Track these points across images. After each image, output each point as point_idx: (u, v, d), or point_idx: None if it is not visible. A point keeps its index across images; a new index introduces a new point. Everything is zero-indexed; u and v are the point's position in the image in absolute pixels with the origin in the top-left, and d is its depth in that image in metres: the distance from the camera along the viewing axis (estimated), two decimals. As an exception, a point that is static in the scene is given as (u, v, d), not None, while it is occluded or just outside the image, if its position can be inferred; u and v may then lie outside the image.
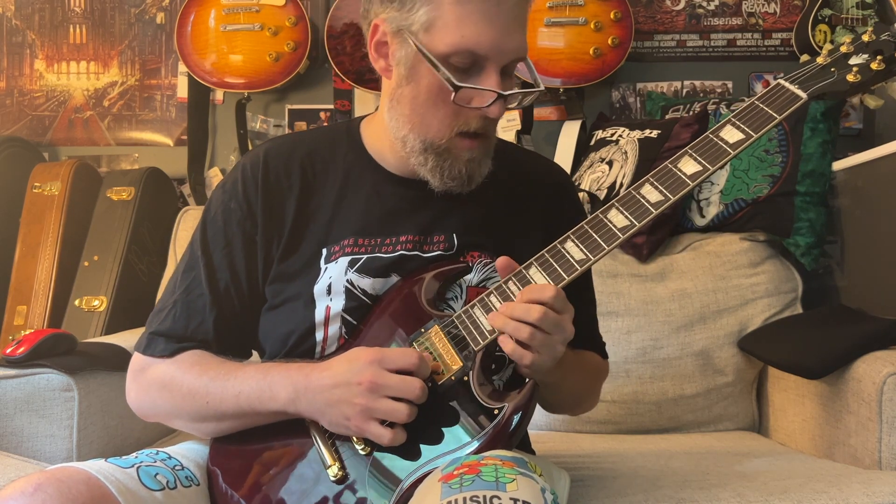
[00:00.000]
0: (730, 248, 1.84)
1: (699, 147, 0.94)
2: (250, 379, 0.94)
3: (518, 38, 0.94)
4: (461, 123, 0.95)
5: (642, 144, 1.95)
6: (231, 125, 2.27)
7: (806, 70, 0.97)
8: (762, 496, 1.00)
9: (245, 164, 1.05)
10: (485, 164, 1.00)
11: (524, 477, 0.76)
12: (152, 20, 2.36)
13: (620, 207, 0.93)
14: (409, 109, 0.97)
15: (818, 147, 1.86)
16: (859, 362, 1.33)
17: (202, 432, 1.01)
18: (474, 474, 0.75)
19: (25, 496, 0.77)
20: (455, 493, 0.73)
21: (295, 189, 1.03)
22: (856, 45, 0.98)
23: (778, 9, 2.28)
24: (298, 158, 1.05)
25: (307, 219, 1.03)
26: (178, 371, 0.98)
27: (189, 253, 1.05)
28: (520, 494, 0.72)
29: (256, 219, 1.02)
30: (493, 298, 0.93)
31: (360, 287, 0.99)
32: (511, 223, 1.06)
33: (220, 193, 1.05)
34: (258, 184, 1.02)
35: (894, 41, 0.96)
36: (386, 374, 0.87)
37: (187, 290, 1.02)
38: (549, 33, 2.13)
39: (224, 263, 1.02)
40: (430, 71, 0.93)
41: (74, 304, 1.96)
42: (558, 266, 0.92)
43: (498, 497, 0.72)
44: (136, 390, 1.03)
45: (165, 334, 1.01)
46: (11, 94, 2.37)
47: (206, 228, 1.04)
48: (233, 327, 1.03)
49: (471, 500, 0.71)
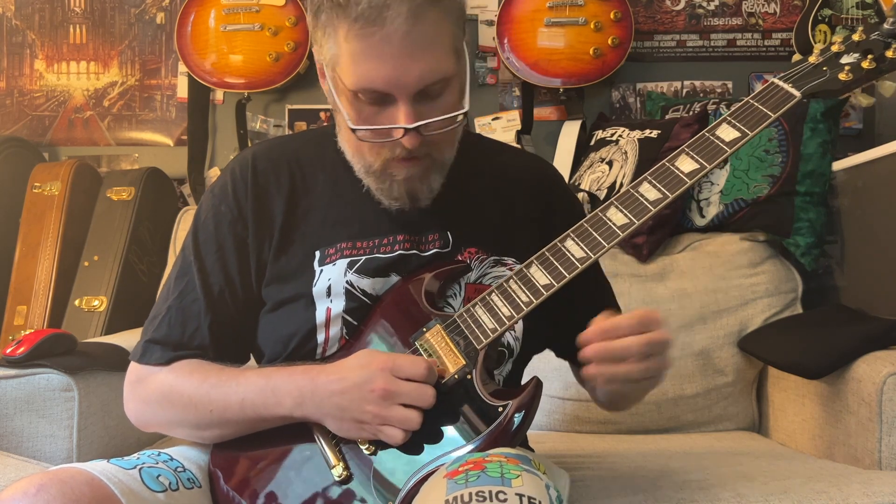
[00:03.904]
0: (730, 248, 1.84)
1: (696, 145, 0.94)
2: (253, 385, 0.94)
3: (422, 66, 0.88)
4: (386, 152, 0.95)
5: (642, 144, 1.95)
6: (231, 125, 2.26)
7: (799, 69, 0.99)
8: (762, 496, 1.01)
9: (234, 167, 1.05)
10: (432, 180, 0.98)
11: (529, 473, 0.76)
12: (152, 20, 2.36)
13: (619, 206, 0.93)
14: (345, 136, 1.00)
15: (818, 147, 1.86)
16: (859, 362, 1.33)
17: (205, 440, 1.01)
18: (479, 470, 0.75)
19: (28, 497, 0.77)
20: (461, 489, 0.73)
21: (284, 190, 1.03)
22: (847, 44, 0.99)
23: (778, 9, 2.28)
24: (286, 161, 1.05)
25: (297, 220, 1.02)
26: (178, 380, 0.98)
27: (181, 259, 1.04)
28: (525, 490, 0.73)
29: (247, 221, 1.02)
30: (494, 297, 0.94)
31: (360, 288, 0.99)
32: (505, 218, 1.06)
33: (210, 198, 1.05)
34: (248, 186, 1.02)
35: (884, 40, 0.97)
36: (399, 382, 0.87)
37: (181, 296, 1.01)
38: (549, 33, 2.13)
39: (217, 267, 1.01)
40: (344, 104, 0.93)
41: (74, 304, 1.96)
42: (559, 264, 0.92)
43: (504, 492, 0.72)
44: (135, 402, 1.02)
45: (161, 342, 1.00)
46: (11, 94, 2.37)
47: (198, 233, 1.03)
48: (229, 331, 1.02)
49: (476, 496, 0.71)
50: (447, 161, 1.00)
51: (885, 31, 0.97)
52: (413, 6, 0.86)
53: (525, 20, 2.15)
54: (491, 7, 2.29)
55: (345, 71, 0.90)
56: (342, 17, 0.88)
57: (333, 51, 0.91)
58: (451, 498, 0.72)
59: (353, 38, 0.88)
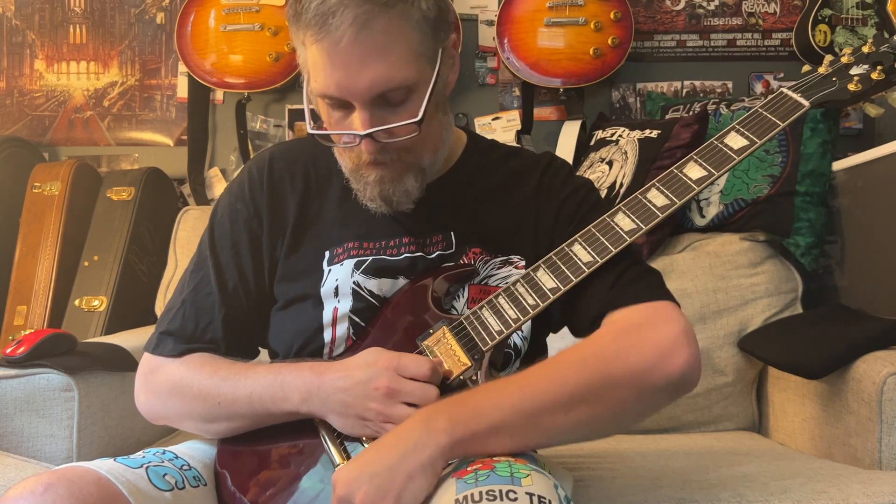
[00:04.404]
0: (730, 248, 1.84)
1: (704, 153, 0.97)
2: (262, 379, 0.95)
3: (373, 73, 0.88)
4: (354, 155, 0.96)
5: (642, 144, 1.95)
6: (231, 125, 2.27)
7: (808, 79, 1.01)
8: (762, 496, 1.01)
9: (251, 167, 1.08)
10: (407, 184, 0.97)
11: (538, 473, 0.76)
12: (152, 20, 2.36)
13: (627, 211, 0.95)
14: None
15: (818, 147, 1.86)
16: (859, 362, 1.33)
17: (212, 433, 1.01)
18: (489, 469, 0.76)
19: (36, 496, 0.77)
20: (471, 488, 0.73)
21: (297, 191, 1.05)
22: (856, 55, 1.02)
23: (778, 9, 2.28)
24: (302, 163, 1.07)
25: (310, 220, 1.04)
26: (189, 372, 0.99)
27: (197, 254, 1.07)
28: (535, 489, 0.73)
29: (262, 219, 1.04)
30: (501, 300, 0.95)
31: (367, 288, 1.00)
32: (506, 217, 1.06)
33: (227, 196, 1.08)
34: (263, 185, 1.05)
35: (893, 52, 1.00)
36: (403, 381, 0.88)
37: (196, 290, 1.04)
38: (549, 33, 2.13)
39: (232, 263, 1.04)
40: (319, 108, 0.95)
41: (74, 304, 1.96)
42: (566, 268, 0.94)
43: (514, 491, 0.72)
44: (146, 393, 1.03)
45: (175, 333, 1.02)
46: (11, 94, 2.37)
47: (214, 230, 1.06)
48: (241, 326, 1.04)
49: (487, 494, 0.72)
50: (426, 165, 0.99)
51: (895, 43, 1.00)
52: (359, 13, 0.86)
53: (525, 20, 2.15)
54: (491, 7, 2.29)
55: (311, 75, 0.92)
56: (300, 24, 0.90)
57: (303, 57, 0.93)
58: (461, 497, 0.72)
59: (309, 44, 0.90)
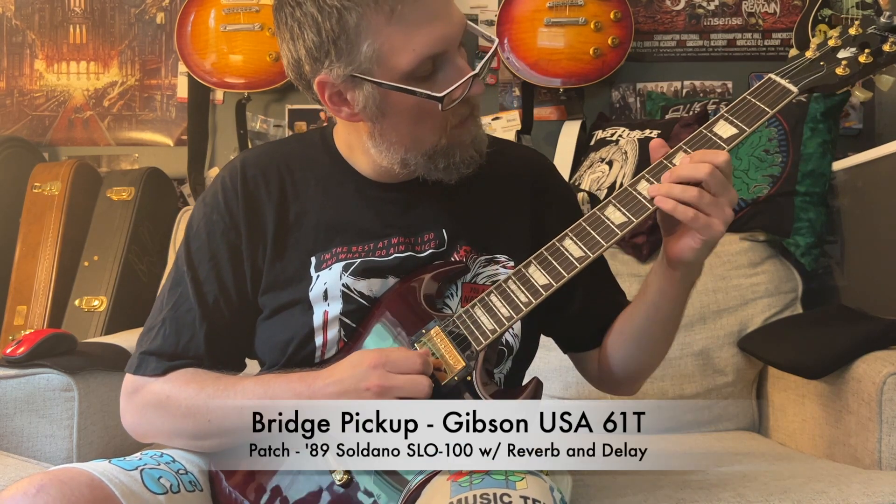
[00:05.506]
0: (730, 248, 1.84)
1: (693, 142, 0.93)
2: (251, 392, 0.93)
3: (456, 13, 0.91)
4: (452, 120, 0.95)
5: (642, 144, 1.95)
6: (231, 125, 2.26)
7: (796, 64, 0.97)
8: (762, 496, 1.01)
9: (223, 175, 1.04)
10: (482, 133, 0.99)
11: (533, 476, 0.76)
12: (152, 20, 2.36)
13: (617, 204, 0.92)
14: (396, 137, 0.96)
15: (818, 147, 1.86)
16: (859, 362, 1.33)
17: (204, 449, 1.00)
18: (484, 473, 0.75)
19: (28, 497, 0.77)
20: (465, 492, 0.73)
21: (274, 196, 1.02)
22: (843, 38, 0.97)
23: (778, 9, 2.28)
24: (276, 167, 1.04)
25: (290, 226, 1.02)
26: (174, 389, 0.97)
27: (174, 270, 1.04)
28: (530, 492, 0.73)
29: (240, 228, 1.01)
30: (493, 297, 0.93)
31: (356, 290, 0.98)
32: (498, 213, 1.05)
33: (202, 207, 1.04)
34: (238, 193, 1.02)
35: (880, 34, 0.95)
36: (392, 376, 0.87)
37: (175, 307, 1.01)
38: (549, 33, 2.13)
39: (211, 276, 1.00)
40: (402, 97, 0.91)
41: (74, 304, 1.96)
42: (557, 264, 0.92)
43: (508, 495, 0.72)
44: (132, 412, 1.01)
45: (157, 353, 0.99)
46: (11, 94, 2.37)
47: (190, 243, 1.03)
48: (224, 340, 1.01)
49: (481, 498, 0.71)
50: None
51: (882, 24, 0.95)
52: None
53: (525, 20, 2.15)
54: (491, 7, 2.29)
55: (398, 54, 0.88)
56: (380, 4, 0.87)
57: (374, 45, 0.89)
58: (455, 500, 0.72)
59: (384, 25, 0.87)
